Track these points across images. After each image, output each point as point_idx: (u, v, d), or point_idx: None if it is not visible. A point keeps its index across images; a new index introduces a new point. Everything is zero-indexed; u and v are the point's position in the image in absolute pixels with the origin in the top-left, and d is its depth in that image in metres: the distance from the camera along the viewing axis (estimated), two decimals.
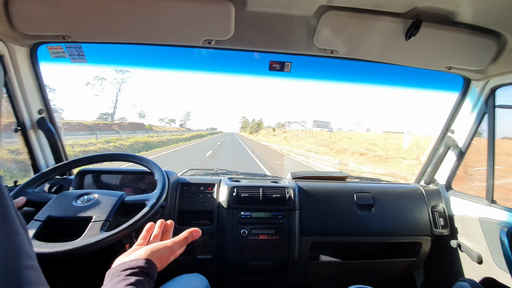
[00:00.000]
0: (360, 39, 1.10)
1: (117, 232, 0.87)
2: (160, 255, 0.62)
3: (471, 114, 1.44)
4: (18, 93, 1.24)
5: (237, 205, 1.38)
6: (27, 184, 1.03)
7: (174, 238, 0.68)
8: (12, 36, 1.10)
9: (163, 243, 0.65)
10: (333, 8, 0.97)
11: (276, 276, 1.50)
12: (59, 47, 1.21)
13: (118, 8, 0.96)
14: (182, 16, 1.00)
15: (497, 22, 0.96)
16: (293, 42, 1.18)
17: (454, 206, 1.50)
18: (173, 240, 0.67)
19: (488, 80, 1.32)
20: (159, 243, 0.65)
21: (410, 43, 1.03)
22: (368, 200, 1.49)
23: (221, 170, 1.76)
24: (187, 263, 1.37)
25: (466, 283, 1.08)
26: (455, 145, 1.52)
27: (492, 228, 1.23)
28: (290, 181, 1.56)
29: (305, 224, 1.41)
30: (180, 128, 77.82)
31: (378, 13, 0.97)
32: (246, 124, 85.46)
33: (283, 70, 1.31)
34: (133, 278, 0.51)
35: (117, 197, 0.99)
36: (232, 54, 1.29)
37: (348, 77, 1.50)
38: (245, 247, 1.34)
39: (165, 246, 0.64)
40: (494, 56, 1.11)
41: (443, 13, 0.95)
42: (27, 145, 1.32)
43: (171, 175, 1.39)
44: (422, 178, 1.71)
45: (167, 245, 0.64)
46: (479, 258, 1.28)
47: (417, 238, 1.48)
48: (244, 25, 1.07)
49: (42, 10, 0.95)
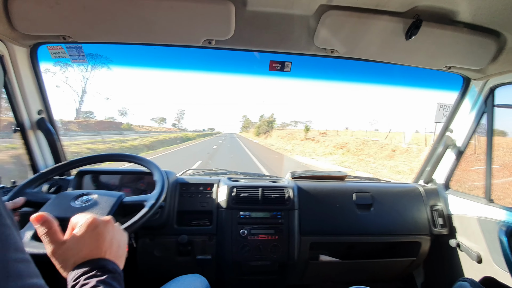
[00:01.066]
0: (360, 38, 1.10)
1: None
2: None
3: (470, 113, 1.44)
4: (18, 93, 1.23)
5: (236, 205, 1.38)
6: (26, 184, 1.02)
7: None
8: (12, 36, 1.10)
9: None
10: (333, 8, 0.97)
11: (275, 276, 1.50)
12: (60, 47, 1.21)
13: (118, 8, 0.96)
14: (182, 16, 1.00)
15: (497, 22, 0.97)
16: (293, 41, 1.18)
17: (452, 205, 1.50)
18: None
19: (487, 79, 1.32)
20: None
21: (410, 42, 1.03)
22: (367, 199, 1.49)
23: (220, 170, 1.76)
24: (187, 263, 1.37)
25: (466, 283, 1.09)
26: (454, 144, 1.52)
27: (491, 227, 1.23)
28: (289, 181, 1.56)
29: (304, 224, 1.41)
30: (171, 128, 73.55)
31: (378, 13, 0.97)
32: (248, 123, 78.52)
33: (283, 70, 1.30)
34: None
35: (116, 197, 0.98)
36: (232, 54, 1.29)
37: (349, 77, 1.50)
38: (244, 247, 1.34)
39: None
40: (494, 56, 1.11)
41: (443, 12, 0.95)
42: (26, 146, 1.32)
43: (170, 175, 1.38)
44: (421, 177, 1.72)
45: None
46: (478, 258, 1.28)
47: (416, 237, 1.48)
48: (244, 25, 1.07)
49: (42, 10, 0.95)
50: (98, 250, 0.51)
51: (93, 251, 0.50)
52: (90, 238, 0.51)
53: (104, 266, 0.49)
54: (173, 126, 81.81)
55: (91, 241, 0.51)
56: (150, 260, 1.37)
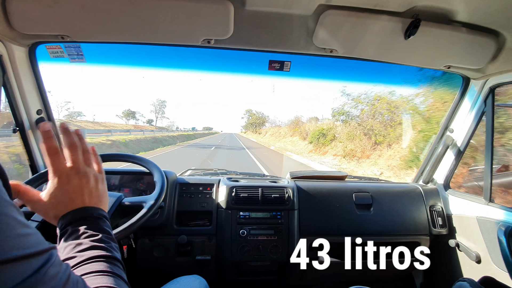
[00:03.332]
0: (359, 38, 1.10)
1: (115, 233, 0.87)
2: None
3: (470, 113, 1.44)
4: (17, 93, 1.23)
5: (236, 205, 1.38)
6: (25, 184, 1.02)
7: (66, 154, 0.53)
8: (11, 36, 1.09)
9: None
10: (332, 7, 0.97)
11: (275, 276, 1.49)
12: (58, 47, 1.21)
13: (117, 8, 0.95)
14: (181, 16, 0.99)
15: (496, 21, 0.96)
16: (292, 41, 1.18)
17: (452, 205, 1.50)
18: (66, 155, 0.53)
19: (487, 79, 1.32)
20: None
21: (409, 42, 1.03)
22: (366, 199, 1.49)
23: (220, 170, 1.75)
24: (186, 264, 1.37)
25: (465, 283, 1.08)
26: (454, 144, 1.52)
27: (490, 227, 1.23)
28: (289, 181, 1.56)
29: (304, 224, 1.40)
30: (143, 126, 52.98)
31: (377, 12, 0.97)
32: (256, 119, 53.52)
33: (282, 70, 1.30)
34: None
35: (115, 198, 0.98)
36: (231, 53, 1.29)
37: (348, 76, 1.50)
38: (244, 248, 1.34)
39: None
40: (493, 55, 1.11)
41: (442, 12, 0.95)
42: (25, 146, 1.32)
43: (170, 175, 1.38)
44: (420, 177, 1.71)
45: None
46: (478, 258, 1.28)
47: (416, 237, 1.48)
48: (243, 24, 1.07)
49: (40, 10, 0.95)
50: (81, 197, 0.52)
51: (75, 199, 0.51)
52: (69, 187, 0.51)
53: (90, 212, 0.51)
54: (148, 123, 60.05)
55: (70, 190, 0.51)
56: (150, 260, 1.37)
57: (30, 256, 0.32)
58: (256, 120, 53.98)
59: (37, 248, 0.34)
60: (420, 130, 5.66)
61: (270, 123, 48.12)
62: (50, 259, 0.35)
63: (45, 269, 0.33)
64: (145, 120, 60.97)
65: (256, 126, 53.28)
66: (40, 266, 0.33)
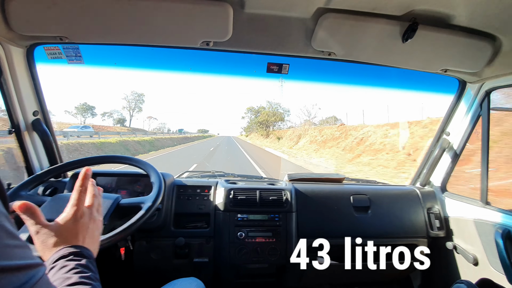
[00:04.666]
0: (358, 41, 1.11)
1: (112, 235, 0.86)
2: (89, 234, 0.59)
3: (466, 116, 1.45)
4: (14, 94, 1.22)
5: (234, 207, 1.38)
6: (21, 186, 1.01)
7: (73, 197, 0.59)
8: (9, 37, 1.09)
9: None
10: (331, 11, 0.97)
11: (273, 279, 1.49)
12: (56, 48, 1.20)
13: (116, 9, 0.95)
14: (180, 18, 1.00)
15: (493, 25, 0.98)
16: (291, 44, 1.18)
17: (449, 208, 1.51)
18: (74, 199, 0.59)
19: (483, 82, 1.33)
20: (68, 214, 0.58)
21: (407, 45, 1.04)
22: (364, 202, 1.49)
23: (217, 172, 1.75)
24: (184, 266, 1.36)
25: (463, 285, 1.09)
26: (450, 147, 1.53)
27: (487, 230, 1.24)
28: (287, 183, 1.55)
29: (302, 226, 1.40)
30: (106, 127, 38.46)
31: (375, 16, 0.98)
32: (267, 116, 36.53)
33: (281, 72, 1.31)
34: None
35: (112, 199, 0.97)
36: (230, 55, 1.29)
37: (346, 79, 1.51)
38: (242, 250, 1.34)
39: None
40: (490, 59, 1.12)
41: (439, 15, 0.96)
42: (21, 147, 1.30)
43: (167, 177, 1.38)
44: (417, 180, 1.72)
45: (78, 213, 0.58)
46: (475, 260, 1.28)
47: (413, 240, 1.48)
48: (242, 27, 1.08)
49: (39, 11, 0.94)
50: (77, 238, 0.56)
51: (73, 238, 0.55)
52: (72, 226, 0.56)
53: (82, 252, 0.54)
54: (119, 123, 46.41)
55: (72, 229, 0.56)
56: (147, 263, 1.35)
57: (15, 269, 0.31)
58: (268, 118, 36.91)
59: (24, 261, 0.33)
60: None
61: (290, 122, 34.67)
62: (36, 275, 0.34)
63: (30, 284, 0.32)
64: (116, 119, 47.72)
65: (268, 127, 36.68)
66: (26, 281, 0.32)
